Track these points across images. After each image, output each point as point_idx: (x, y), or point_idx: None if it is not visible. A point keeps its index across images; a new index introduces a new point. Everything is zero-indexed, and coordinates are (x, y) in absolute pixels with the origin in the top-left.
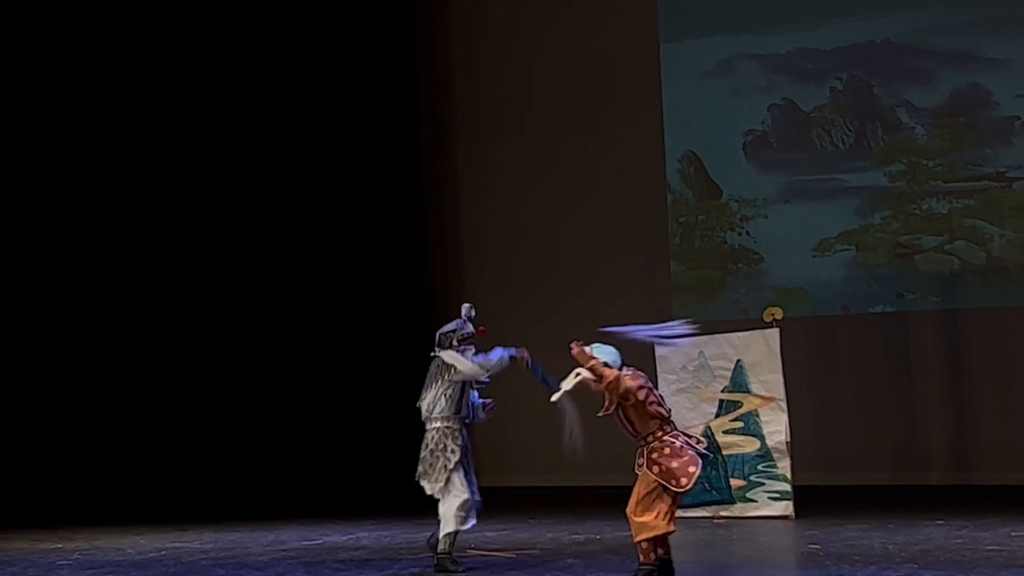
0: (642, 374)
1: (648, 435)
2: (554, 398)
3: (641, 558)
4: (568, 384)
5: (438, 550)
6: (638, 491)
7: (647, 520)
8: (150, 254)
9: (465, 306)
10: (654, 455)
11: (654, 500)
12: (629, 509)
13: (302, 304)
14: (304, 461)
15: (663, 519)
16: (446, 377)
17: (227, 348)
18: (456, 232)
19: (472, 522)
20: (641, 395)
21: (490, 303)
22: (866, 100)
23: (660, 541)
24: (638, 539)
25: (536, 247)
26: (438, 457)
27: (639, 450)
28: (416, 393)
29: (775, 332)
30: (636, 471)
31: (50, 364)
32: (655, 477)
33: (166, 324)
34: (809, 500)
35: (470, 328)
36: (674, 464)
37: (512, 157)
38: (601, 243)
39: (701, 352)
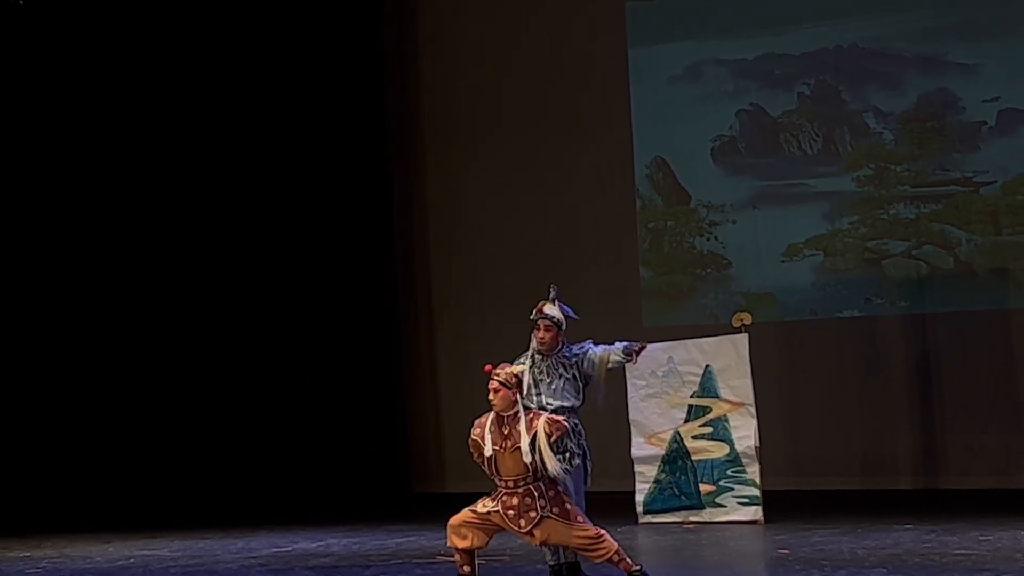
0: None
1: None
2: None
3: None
4: None
5: None
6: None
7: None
8: (120, 261)
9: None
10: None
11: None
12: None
13: (268, 311)
14: (274, 468)
15: None
16: None
17: (195, 356)
18: (424, 238)
19: None
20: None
21: (459, 308)
22: (834, 105)
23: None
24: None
25: (504, 252)
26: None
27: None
28: (387, 398)
29: (744, 337)
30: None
31: (15, 372)
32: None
33: (131, 331)
34: (778, 505)
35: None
36: None
37: (480, 162)
38: (570, 248)
39: (670, 357)
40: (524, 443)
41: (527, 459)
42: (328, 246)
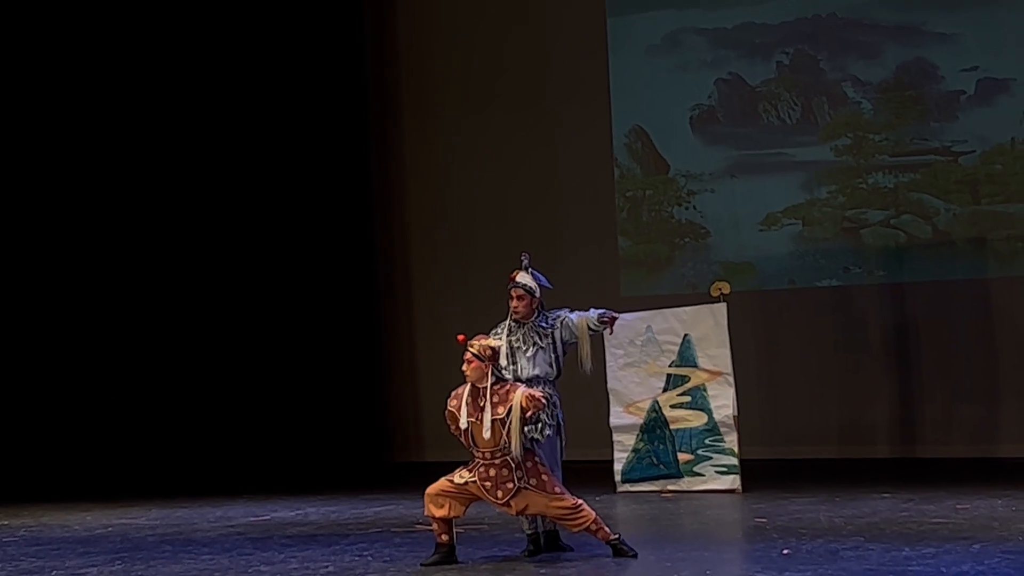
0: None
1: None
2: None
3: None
4: None
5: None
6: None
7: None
8: (94, 232)
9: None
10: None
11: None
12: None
13: (247, 282)
14: (252, 437)
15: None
16: None
17: (174, 326)
18: (402, 207)
19: None
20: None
21: (437, 278)
22: (812, 74)
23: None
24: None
25: (483, 222)
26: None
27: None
28: (366, 368)
29: (722, 306)
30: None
31: None
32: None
33: (109, 302)
34: (756, 474)
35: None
36: None
37: (460, 132)
38: (548, 218)
39: (649, 326)
40: (487, 419)
41: (486, 435)
42: (308, 218)
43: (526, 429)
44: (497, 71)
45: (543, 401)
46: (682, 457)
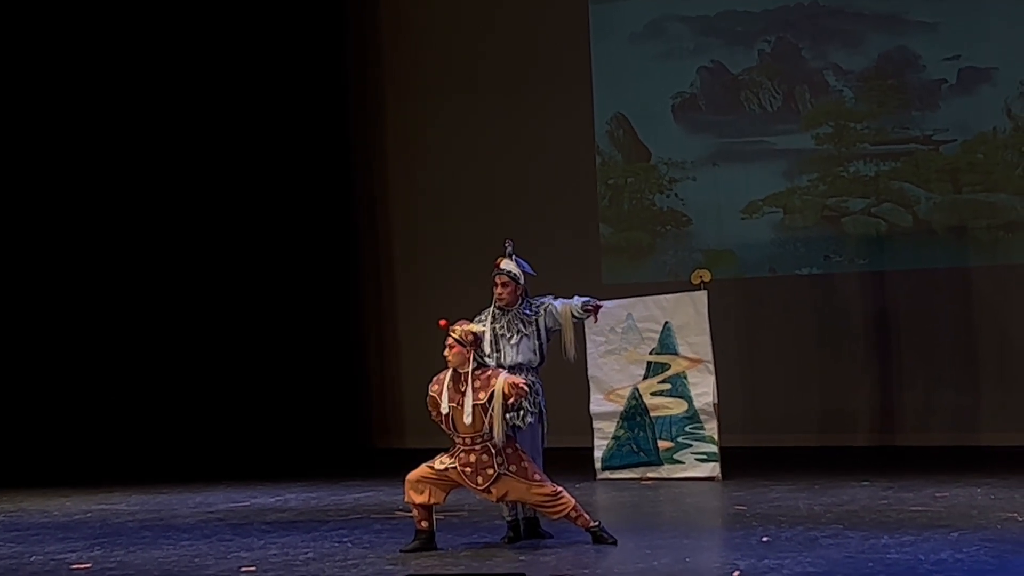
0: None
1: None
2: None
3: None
4: None
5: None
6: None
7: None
8: (72, 214)
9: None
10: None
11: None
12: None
13: (227, 267)
14: (233, 423)
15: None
16: None
17: (152, 312)
18: (384, 194)
19: None
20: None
21: (419, 264)
22: (794, 63)
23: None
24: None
25: (465, 209)
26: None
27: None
28: (347, 354)
29: (703, 294)
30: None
31: None
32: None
33: (87, 287)
34: (736, 461)
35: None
36: None
37: (442, 117)
38: (530, 205)
39: (629, 314)
40: (468, 404)
41: (467, 420)
42: (288, 204)
43: (508, 416)
44: (479, 57)
45: (525, 388)
46: (662, 444)
